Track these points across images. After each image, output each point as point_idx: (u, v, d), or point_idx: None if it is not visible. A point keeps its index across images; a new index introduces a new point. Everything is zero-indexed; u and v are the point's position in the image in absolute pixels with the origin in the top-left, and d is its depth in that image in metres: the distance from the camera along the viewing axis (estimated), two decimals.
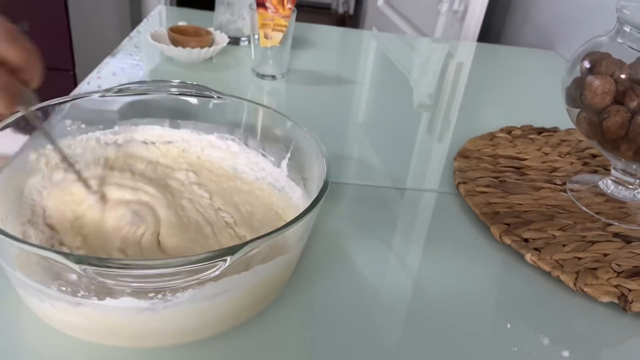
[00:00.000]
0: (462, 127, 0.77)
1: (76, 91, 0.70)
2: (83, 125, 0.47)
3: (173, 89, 0.46)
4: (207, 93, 0.48)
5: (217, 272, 0.31)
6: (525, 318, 0.44)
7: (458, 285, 0.47)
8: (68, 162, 0.41)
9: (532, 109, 0.86)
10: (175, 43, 0.82)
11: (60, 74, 1.80)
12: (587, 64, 0.54)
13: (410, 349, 0.40)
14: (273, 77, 0.83)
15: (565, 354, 0.41)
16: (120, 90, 0.45)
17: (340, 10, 3.47)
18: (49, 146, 0.43)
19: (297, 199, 0.46)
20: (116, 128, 0.48)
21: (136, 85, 0.45)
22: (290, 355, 0.38)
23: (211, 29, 0.89)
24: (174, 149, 0.51)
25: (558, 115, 0.79)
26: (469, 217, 0.56)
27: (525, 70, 1.08)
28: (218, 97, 0.48)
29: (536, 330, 0.43)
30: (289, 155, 0.48)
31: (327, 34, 1.14)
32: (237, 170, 0.51)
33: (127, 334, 0.35)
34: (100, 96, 0.45)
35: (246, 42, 0.96)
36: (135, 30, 0.97)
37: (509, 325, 0.43)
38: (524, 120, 0.76)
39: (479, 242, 0.52)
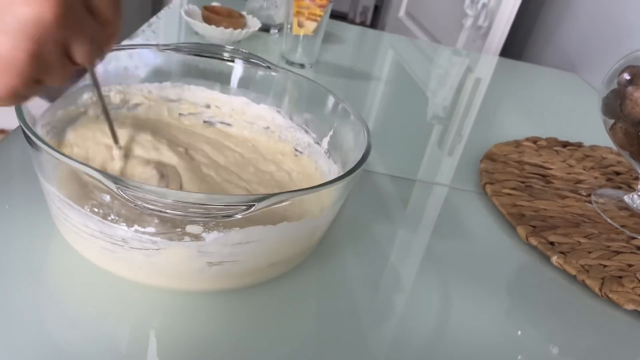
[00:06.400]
0: (482, 132, 0.77)
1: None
2: (142, 75, 0.46)
3: (226, 54, 0.46)
4: (259, 62, 0.48)
5: (239, 216, 0.31)
6: (539, 322, 0.43)
7: (477, 281, 0.46)
8: (106, 113, 0.41)
9: (552, 125, 0.86)
10: (208, 21, 0.83)
11: None
12: (626, 76, 0.54)
13: (413, 338, 0.39)
14: (302, 65, 0.84)
15: None
16: (177, 48, 0.45)
17: (358, 20, 3.49)
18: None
19: (333, 175, 0.46)
20: (168, 84, 0.48)
21: (193, 44, 0.45)
22: (298, 324, 0.38)
23: (244, 13, 0.90)
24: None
25: (579, 133, 0.79)
26: (493, 216, 0.56)
27: (547, 89, 1.08)
28: (269, 67, 0.48)
29: (548, 336, 0.42)
30: (331, 133, 0.47)
31: (355, 32, 1.15)
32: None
33: (147, 269, 0.35)
34: (157, 50, 0.45)
35: (276, 31, 0.96)
36: (155, 17, 0.96)
37: (519, 331, 0.42)
38: (545, 135, 0.76)
39: (502, 242, 0.52)
